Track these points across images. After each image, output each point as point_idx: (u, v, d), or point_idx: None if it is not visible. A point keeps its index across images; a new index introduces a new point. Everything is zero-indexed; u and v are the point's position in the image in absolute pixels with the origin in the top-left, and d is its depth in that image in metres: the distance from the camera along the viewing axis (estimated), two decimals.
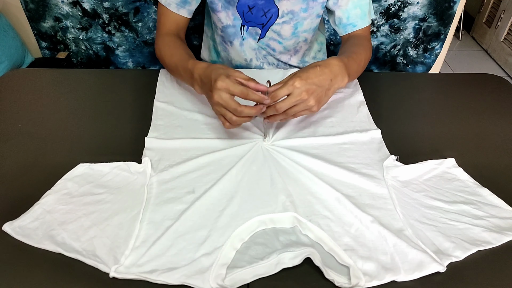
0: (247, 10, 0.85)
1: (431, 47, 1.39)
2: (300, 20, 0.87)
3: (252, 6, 0.83)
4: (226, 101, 0.62)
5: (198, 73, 0.69)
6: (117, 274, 0.49)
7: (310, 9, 0.85)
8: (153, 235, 0.54)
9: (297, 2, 0.83)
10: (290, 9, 0.84)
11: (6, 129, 0.74)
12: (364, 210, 0.58)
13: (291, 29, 0.88)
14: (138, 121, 0.77)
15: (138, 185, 0.62)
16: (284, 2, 0.83)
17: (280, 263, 0.50)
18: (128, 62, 1.39)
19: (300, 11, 0.85)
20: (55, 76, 0.92)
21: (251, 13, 0.85)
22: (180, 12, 0.86)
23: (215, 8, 0.86)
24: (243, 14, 0.86)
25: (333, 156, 0.69)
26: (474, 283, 0.50)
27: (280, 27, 0.88)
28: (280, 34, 0.90)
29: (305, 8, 0.84)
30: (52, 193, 0.59)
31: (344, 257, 0.51)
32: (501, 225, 0.57)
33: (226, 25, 0.88)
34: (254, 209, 0.57)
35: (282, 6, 0.84)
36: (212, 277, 0.48)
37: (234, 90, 0.61)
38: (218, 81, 0.62)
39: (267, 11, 0.84)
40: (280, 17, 0.86)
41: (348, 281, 0.49)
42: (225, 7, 0.85)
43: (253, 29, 0.89)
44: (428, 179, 0.66)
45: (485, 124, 0.79)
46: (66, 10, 1.25)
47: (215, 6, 0.85)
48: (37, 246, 0.52)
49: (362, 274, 0.49)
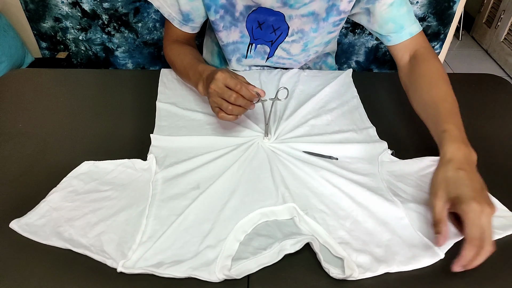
0: (257, 26, 0.82)
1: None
2: (310, 39, 0.85)
3: (262, 22, 0.81)
4: (222, 88, 0.64)
5: (207, 74, 0.71)
6: (124, 269, 0.50)
7: (321, 29, 0.83)
8: (159, 230, 0.55)
9: (307, 22, 0.81)
10: (300, 28, 0.82)
11: (6, 129, 0.74)
12: (360, 203, 0.59)
13: (301, 47, 0.87)
14: (138, 121, 0.77)
15: (143, 181, 0.63)
16: (295, 20, 0.81)
17: (282, 250, 0.52)
18: (128, 63, 1.39)
19: (310, 31, 0.83)
20: (55, 76, 0.92)
21: (260, 29, 0.83)
22: (183, 29, 0.85)
23: (217, 28, 0.83)
24: (252, 30, 0.84)
25: (329, 152, 0.69)
26: (474, 282, 0.50)
27: (290, 46, 0.86)
28: (289, 52, 0.88)
29: (315, 28, 0.82)
30: (58, 190, 0.60)
31: (339, 250, 0.52)
32: (493, 223, 0.57)
33: (227, 43, 0.87)
34: (255, 202, 0.59)
35: (293, 25, 0.82)
36: (218, 268, 0.49)
37: (230, 82, 0.63)
38: (218, 72, 0.65)
39: (277, 28, 0.82)
40: (289, 35, 0.84)
41: (342, 273, 0.50)
42: (227, 27, 0.83)
43: (261, 47, 0.87)
44: (424, 175, 0.66)
45: (484, 124, 0.79)
46: (65, 11, 1.25)
47: (217, 26, 0.83)
48: (44, 242, 0.53)
49: (356, 266, 0.50)
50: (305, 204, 0.59)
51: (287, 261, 0.52)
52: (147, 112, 0.79)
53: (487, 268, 0.52)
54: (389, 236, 0.55)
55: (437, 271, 0.51)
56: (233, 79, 0.64)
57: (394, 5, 0.76)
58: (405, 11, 0.77)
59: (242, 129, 0.75)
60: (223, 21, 0.81)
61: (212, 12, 0.79)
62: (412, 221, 0.57)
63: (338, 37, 1.34)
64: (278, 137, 0.73)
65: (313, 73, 0.93)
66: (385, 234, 0.55)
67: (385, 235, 0.55)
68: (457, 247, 0.54)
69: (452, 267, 0.50)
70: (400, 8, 0.76)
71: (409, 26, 0.77)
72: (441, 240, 0.51)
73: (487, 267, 0.52)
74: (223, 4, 0.78)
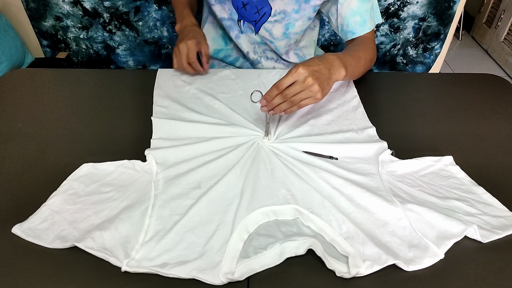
0: (241, 6, 0.88)
1: (430, 47, 1.39)
2: (291, 21, 0.89)
3: (246, 2, 0.86)
4: (183, 51, 0.85)
5: (179, 27, 0.91)
6: (129, 268, 0.50)
7: (302, 10, 0.87)
8: (162, 230, 0.55)
9: (290, 3, 0.85)
10: (283, 8, 0.86)
11: (6, 129, 0.74)
12: (359, 204, 0.59)
13: (282, 28, 0.90)
14: (138, 120, 0.77)
15: (144, 182, 0.63)
16: (277, 1, 0.85)
17: (284, 253, 0.52)
18: (129, 61, 1.39)
19: (292, 11, 0.87)
20: (55, 76, 0.92)
21: (245, 9, 0.87)
22: None
23: (210, 1, 0.89)
24: (238, 9, 0.89)
25: (329, 152, 0.70)
26: (474, 283, 0.50)
27: (272, 26, 0.90)
28: (272, 34, 0.92)
29: (297, 9, 0.86)
30: (59, 194, 0.60)
31: (345, 246, 0.52)
32: (492, 223, 0.57)
33: (221, 18, 0.92)
34: (257, 202, 0.59)
35: (275, 5, 0.86)
36: (222, 273, 0.49)
37: (190, 55, 0.85)
38: (189, 41, 0.84)
39: (260, 9, 0.87)
40: (272, 15, 0.88)
41: (349, 272, 0.50)
42: (219, 1, 0.88)
43: (248, 25, 0.92)
44: (424, 175, 0.66)
45: (484, 124, 0.79)
46: (66, 9, 1.25)
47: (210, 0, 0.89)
48: (49, 246, 0.53)
49: (361, 262, 0.50)
50: (309, 202, 0.59)
51: (287, 261, 0.52)
52: (148, 112, 0.79)
53: (487, 268, 0.52)
54: (389, 237, 0.55)
55: (437, 271, 0.51)
56: (193, 53, 0.84)
57: (363, 0, 0.83)
58: (369, 7, 0.84)
59: (242, 129, 0.75)
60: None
61: None
62: (411, 221, 0.57)
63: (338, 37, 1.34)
64: (278, 137, 0.73)
65: None
66: (385, 235, 0.55)
67: (384, 236, 0.55)
68: (457, 247, 0.54)
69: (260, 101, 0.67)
70: (366, 4, 0.83)
71: (370, 22, 0.85)
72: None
73: (487, 267, 0.52)
74: None
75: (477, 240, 0.55)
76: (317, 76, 0.66)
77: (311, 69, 0.65)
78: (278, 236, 0.54)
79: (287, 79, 0.65)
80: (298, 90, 0.65)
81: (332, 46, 1.36)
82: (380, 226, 0.56)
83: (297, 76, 0.65)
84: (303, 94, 0.65)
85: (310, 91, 0.65)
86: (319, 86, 0.66)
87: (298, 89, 0.65)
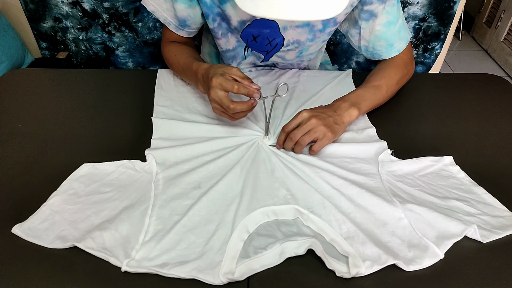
0: (251, 39, 0.82)
1: (431, 47, 1.39)
2: (305, 48, 0.85)
3: (256, 35, 0.81)
4: (221, 98, 0.65)
5: (201, 73, 0.72)
6: (129, 268, 0.50)
7: (317, 38, 0.82)
8: (162, 230, 0.55)
9: (303, 32, 0.80)
10: (296, 38, 0.82)
11: (6, 129, 0.74)
12: (361, 202, 0.59)
13: (295, 54, 0.87)
14: (138, 120, 0.77)
15: (144, 182, 0.63)
16: (290, 31, 0.80)
17: (284, 253, 0.52)
18: (128, 62, 1.39)
19: (306, 40, 0.82)
20: (55, 76, 0.92)
21: (255, 41, 0.83)
22: (180, 33, 0.85)
23: (216, 35, 0.83)
24: (247, 42, 0.84)
25: (329, 152, 0.70)
26: (474, 283, 0.50)
27: (285, 54, 0.87)
28: (284, 58, 0.89)
29: (312, 38, 0.82)
30: (59, 194, 0.60)
31: (345, 246, 0.52)
32: (492, 223, 0.57)
33: (226, 50, 0.87)
34: (257, 202, 0.59)
35: (288, 35, 0.81)
36: (222, 273, 0.49)
37: (226, 85, 0.64)
38: (213, 78, 0.65)
39: (272, 40, 0.82)
40: (285, 45, 0.83)
41: (349, 272, 0.50)
42: (225, 34, 0.83)
43: (255, 53, 0.88)
44: (424, 175, 0.66)
45: (484, 124, 0.79)
46: (66, 10, 1.25)
47: (216, 34, 0.83)
48: (49, 246, 0.53)
49: (361, 262, 0.50)
50: (309, 202, 0.59)
51: (287, 261, 0.52)
52: (148, 112, 0.79)
53: (487, 268, 0.52)
54: (389, 237, 0.55)
55: (437, 271, 0.51)
56: (228, 81, 0.64)
57: (388, 24, 0.77)
58: (396, 30, 0.79)
59: (242, 129, 0.75)
60: (221, 28, 0.81)
61: (210, 20, 0.79)
62: (411, 221, 0.57)
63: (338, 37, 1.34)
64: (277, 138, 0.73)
65: (313, 73, 0.93)
66: (385, 235, 0.55)
67: (384, 236, 0.55)
68: (457, 247, 0.54)
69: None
70: (393, 27, 0.78)
71: (398, 43, 0.81)
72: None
73: (487, 267, 0.52)
74: (219, 12, 0.78)
75: (477, 240, 0.55)
76: (322, 117, 0.67)
77: (314, 112, 0.68)
78: (278, 236, 0.54)
79: (292, 122, 0.68)
80: (303, 131, 0.66)
81: (332, 46, 1.36)
82: (380, 226, 0.56)
83: (300, 118, 0.67)
84: (311, 134, 0.66)
85: (316, 132, 0.66)
86: (325, 126, 0.67)
87: (304, 129, 0.66)
